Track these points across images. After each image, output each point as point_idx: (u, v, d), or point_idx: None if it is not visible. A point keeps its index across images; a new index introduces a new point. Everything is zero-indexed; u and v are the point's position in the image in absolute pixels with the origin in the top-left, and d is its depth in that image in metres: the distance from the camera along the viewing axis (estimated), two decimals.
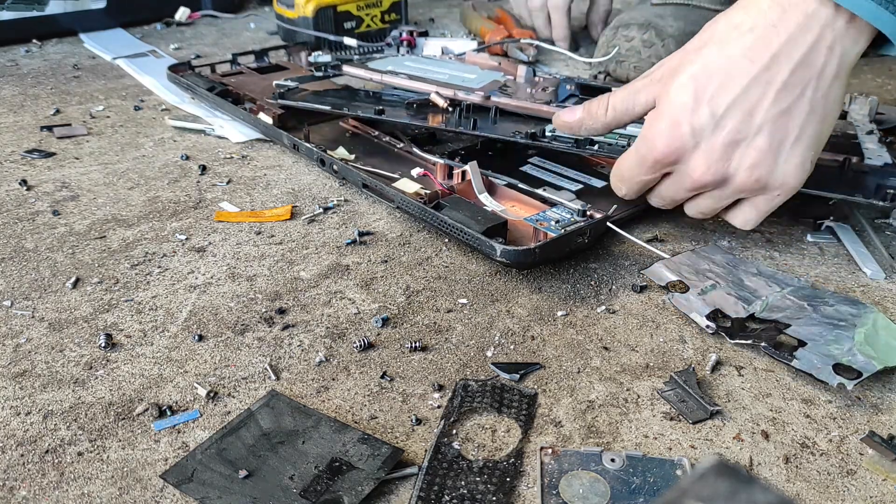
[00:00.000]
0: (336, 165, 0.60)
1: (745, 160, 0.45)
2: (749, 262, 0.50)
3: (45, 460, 0.36)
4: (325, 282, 0.50)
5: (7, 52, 1.00)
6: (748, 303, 0.45)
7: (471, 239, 0.48)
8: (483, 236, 0.48)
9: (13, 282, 0.50)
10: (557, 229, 0.49)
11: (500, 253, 0.47)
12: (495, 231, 0.49)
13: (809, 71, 0.43)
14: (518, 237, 0.52)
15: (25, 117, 0.78)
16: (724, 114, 0.44)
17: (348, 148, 0.65)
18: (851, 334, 0.42)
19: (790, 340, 0.42)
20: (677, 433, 0.37)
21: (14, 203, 0.60)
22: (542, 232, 0.50)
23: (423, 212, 0.52)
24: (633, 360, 0.43)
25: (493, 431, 0.38)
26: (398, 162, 0.63)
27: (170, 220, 0.57)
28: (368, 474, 0.34)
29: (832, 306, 0.45)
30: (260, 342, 0.44)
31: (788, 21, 0.43)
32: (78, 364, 0.42)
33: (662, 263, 0.49)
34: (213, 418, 0.38)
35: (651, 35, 0.80)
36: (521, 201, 0.56)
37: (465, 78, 0.71)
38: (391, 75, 0.70)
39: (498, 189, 0.57)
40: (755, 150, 0.45)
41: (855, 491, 0.34)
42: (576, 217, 0.51)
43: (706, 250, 0.51)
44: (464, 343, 0.44)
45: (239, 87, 0.76)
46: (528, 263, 0.48)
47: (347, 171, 0.59)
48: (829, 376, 0.39)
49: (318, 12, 0.97)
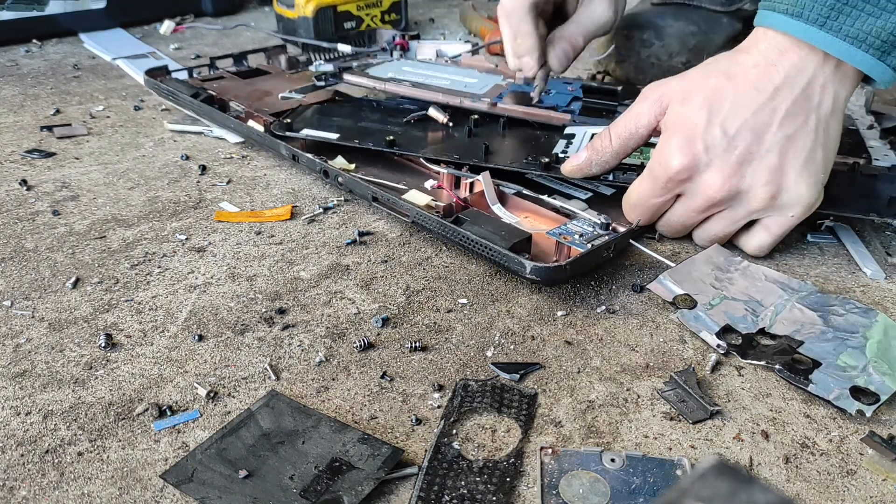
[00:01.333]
0: (341, 178, 0.57)
1: (758, 176, 0.47)
2: (754, 266, 0.50)
3: (45, 460, 0.36)
4: (325, 282, 0.50)
5: (7, 52, 1.00)
6: (756, 314, 0.45)
7: (496, 255, 0.47)
8: (511, 252, 0.46)
9: (13, 282, 0.50)
10: (583, 244, 0.48)
11: (531, 270, 0.45)
12: (521, 246, 0.48)
13: (809, 104, 0.47)
14: (539, 251, 0.50)
15: (25, 117, 0.78)
16: (736, 134, 0.47)
17: (347, 157, 0.62)
18: (864, 347, 0.42)
19: (804, 360, 0.41)
20: (677, 433, 0.37)
21: (14, 203, 0.60)
22: (567, 246, 0.48)
23: (441, 227, 0.50)
24: (633, 360, 0.43)
25: (493, 431, 0.38)
26: (402, 172, 0.61)
27: (170, 220, 0.57)
28: (368, 474, 0.34)
29: (842, 316, 0.45)
30: (260, 342, 0.44)
31: (785, 61, 0.47)
32: (78, 364, 0.42)
33: (668, 275, 0.48)
34: (213, 418, 0.38)
35: (651, 35, 0.80)
36: (534, 212, 0.55)
37: (466, 83, 0.70)
38: (394, 83, 0.69)
39: (508, 199, 0.56)
40: (767, 168, 0.47)
41: (855, 491, 0.34)
42: (598, 230, 0.50)
43: (709, 253, 0.51)
44: (464, 343, 0.44)
45: (223, 93, 0.73)
46: (558, 280, 0.47)
47: (355, 184, 0.56)
48: (847, 402, 0.38)
49: (318, 12, 0.97)
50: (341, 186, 0.58)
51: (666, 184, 0.49)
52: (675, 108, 0.49)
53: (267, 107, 0.69)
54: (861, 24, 0.44)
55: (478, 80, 0.71)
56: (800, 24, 0.45)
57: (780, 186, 0.47)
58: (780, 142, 0.46)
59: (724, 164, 0.47)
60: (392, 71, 0.73)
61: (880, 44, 0.44)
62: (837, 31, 0.45)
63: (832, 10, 0.44)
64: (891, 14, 0.43)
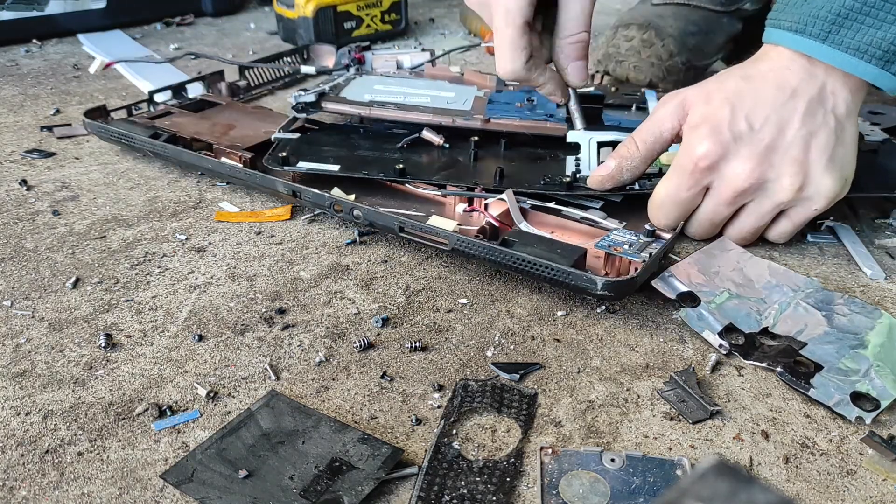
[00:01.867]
0: (357, 210, 0.52)
1: (785, 168, 0.48)
2: (758, 261, 0.50)
3: (45, 460, 0.36)
4: (325, 282, 0.50)
5: (7, 52, 1.00)
6: (760, 312, 0.45)
7: (560, 275, 0.45)
8: (576, 270, 0.45)
9: (13, 282, 0.50)
10: (636, 254, 0.47)
11: (603, 286, 0.44)
12: (580, 263, 0.47)
13: (824, 106, 0.48)
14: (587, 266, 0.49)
15: (25, 117, 0.78)
16: (762, 126, 0.48)
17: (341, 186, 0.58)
18: (866, 349, 0.42)
19: (806, 362, 0.41)
20: (677, 433, 0.37)
21: (14, 203, 0.60)
22: (618, 258, 0.48)
23: (489, 251, 0.47)
24: (633, 360, 0.43)
25: (493, 431, 0.38)
26: (403, 199, 0.57)
27: (170, 220, 0.57)
28: (368, 474, 0.34)
29: (846, 316, 0.45)
30: (260, 342, 0.44)
31: (797, 66, 0.48)
32: (78, 364, 0.42)
33: (672, 271, 0.47)
34: (213, 418, 0.38)
35: (651, 35, 0.80)
36: (560, 226, 0.54)
37: (447, 98, 0.67)
38: (378, 107, 0.65)
39: (529, 215, 0.54)
40: (792, 160, 0.48)
41: (855, 491, 0.34)
42: (644, 238, 0.49)
43: (714, 248, 0.50)
44: (464, 343, 0.44)
45: (181, 130, 0.65)
46: (629, 293, 0.46)
47: (375, 216, 0.52)
48: (847, 409, 0.38)
49: (319, 12, 0.97)
50: (357, 220, 0.53)
51: (693, 173, 0.49)
52: (697, 109, 0.49)
53: (238, 141, 0.63)
54: (862, 36, 0.45)
55: (456, 94, 0.69)
56: (804, 39, 0.47)
57: (807, 178, 0.48)
58: (804, 136, 0.47)
59: (751, 152, 0.48)
60: (367, 93, 0.68)
61: (882, 54, 0.45)
62: (839, 45, 0.46)
63: (833, 24, 0.46)
64: (891, 25, 0.44)
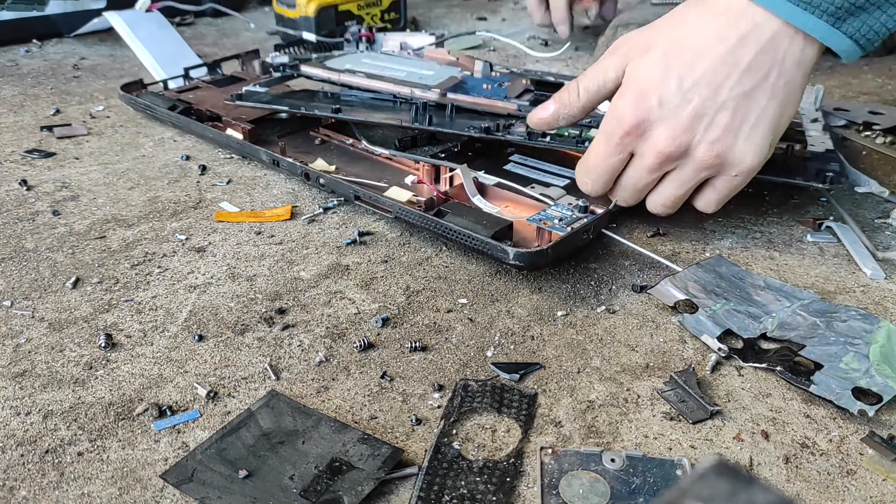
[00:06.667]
0: (322, 179, 0.58)
1: (707, 134, 0.46)
2: (756, 276, 0.49)
3: (45, 460, 0.36)
4: (325, 282, 0.50)
5: (7, 52, 1.00)
6: (758, 320, 0.45)
7: (479, 244, 0.48)
8: (493, 240, 0.47)
9: (13, 282, 0.50)
10: (563, 227, 0.49)
11: (514, 256, 0.46)
12: (502, 234, 0.49)
13: (773, 55, 0.45)
14: (520, 238, 0.52)
15: (25, 117, 0.78)
16: (691, 88, 0.46)
17: (326, 159, 0.63)
18: (867, 352, 0.42)
19: (805, 362, 0.41)
20: (677, 433, 0.37)
21: (14, 203, 0.60)
22: (547, 231, 0.49)
23: (424, 220, 0.51)
24: (633, 360, 0.43)
25: (493, 431, 0.38)
26: (381, 170, 0.62)
27: (170, 220, 0.57)
28: (368, 474, 0.34)
29: (845, 322, 0.44)
30: (260, 342, 0.44)
31: (755, 11, 0.45)
32: (78, 364, 0.42)
33: (669, 281, 0.48)
34: (213, 418, 0.38)
35: None
36: (514, 201, 0.56)
37: (422, 75, 0.70)
38: (349, 74, 0.68)
39: (488, 190, 0.57)
40: (717, 126, 0.46)
41: (855, 491, 0.34)
42: (577, 213, 0.51)
43: (711, 262, 0.50)
44: (464, 343, 0.44)
45: (200, 103, 0.73)
46: (541, 264, 0.48)
47: (336, 184, 0.57)
48: (849, 402, 0.38)
49: (320, 12, 0.97)
50: (323, 188, 0.59)
51: (620, 140, 0.48)
52: (634, 62, 0.48)
53: (244, 114, 0.69)
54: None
55: (434, 73, 0.71)
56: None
57: (728, 145, 0.46)
58: (736, 98, 0.46)
59: (675, 118, 0.46)
60: (350, 63, 0.72)
61: (834, 10, 0.43)
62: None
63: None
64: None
